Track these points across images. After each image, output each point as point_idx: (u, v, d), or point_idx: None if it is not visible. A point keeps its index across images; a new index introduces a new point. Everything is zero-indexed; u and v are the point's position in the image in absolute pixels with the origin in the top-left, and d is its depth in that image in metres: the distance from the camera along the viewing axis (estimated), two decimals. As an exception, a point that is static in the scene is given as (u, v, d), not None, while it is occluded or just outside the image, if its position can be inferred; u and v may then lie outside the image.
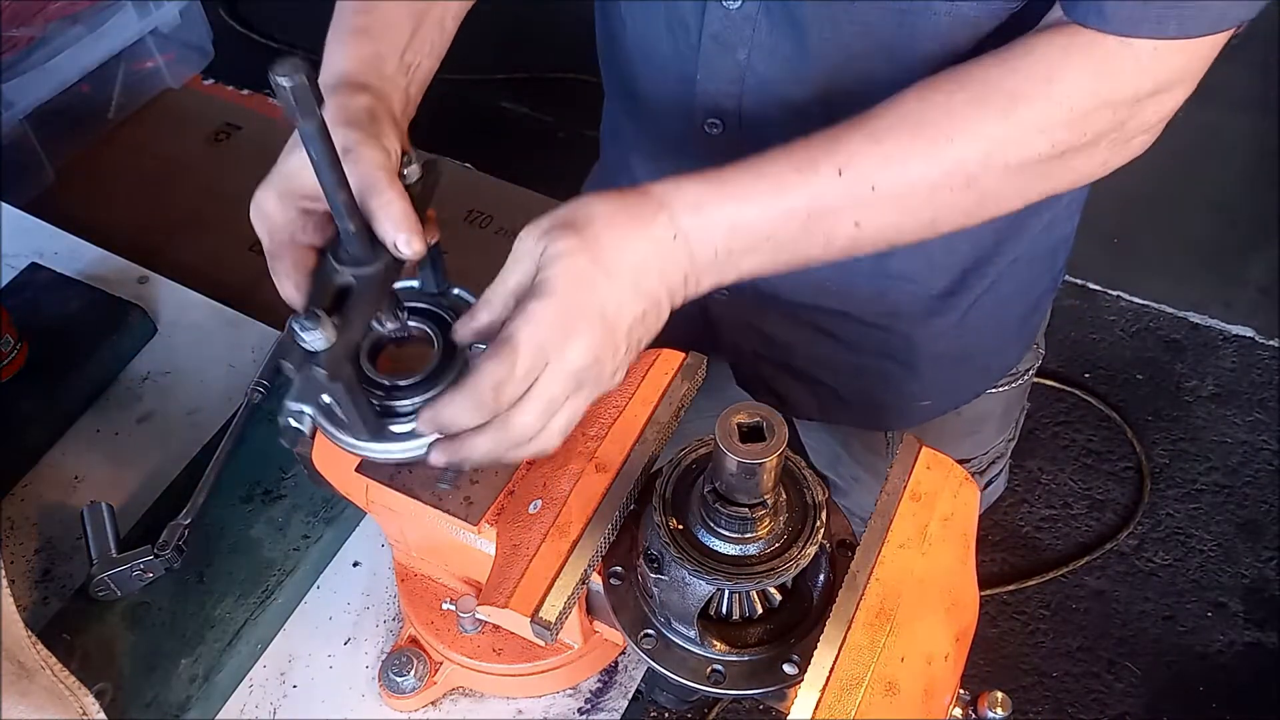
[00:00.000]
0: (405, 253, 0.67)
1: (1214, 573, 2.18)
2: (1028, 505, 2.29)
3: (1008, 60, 0.71)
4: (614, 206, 0.67)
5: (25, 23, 1.61)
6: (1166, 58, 0.69)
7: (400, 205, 0.67)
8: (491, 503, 0.78)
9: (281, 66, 0.54)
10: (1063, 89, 0.69)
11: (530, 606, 0.69)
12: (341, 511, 1.01)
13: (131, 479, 1.06)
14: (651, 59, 0.91)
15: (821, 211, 0.69)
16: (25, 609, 0.89)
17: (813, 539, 0.70)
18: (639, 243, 0.66)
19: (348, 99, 0.71)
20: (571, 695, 0.92)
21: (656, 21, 0.87)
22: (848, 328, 1.04)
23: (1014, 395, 1.19)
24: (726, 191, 0.68)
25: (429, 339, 0.74)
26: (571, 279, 0.64)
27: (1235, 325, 2.55)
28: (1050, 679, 2.06)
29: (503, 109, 3.00)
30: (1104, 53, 0.69)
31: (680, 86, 0.89)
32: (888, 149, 0.69)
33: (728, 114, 0.88)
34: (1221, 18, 0.68)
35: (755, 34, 0.82)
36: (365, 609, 0.98)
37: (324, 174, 0.61)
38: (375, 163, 0.67)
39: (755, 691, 0.72)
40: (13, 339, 1.10)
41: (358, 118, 0.69)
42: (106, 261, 1.27)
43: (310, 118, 0.57)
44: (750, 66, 0.84)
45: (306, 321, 0.61)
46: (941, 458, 0.76)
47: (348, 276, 0.67)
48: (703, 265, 0.69)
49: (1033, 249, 1.01)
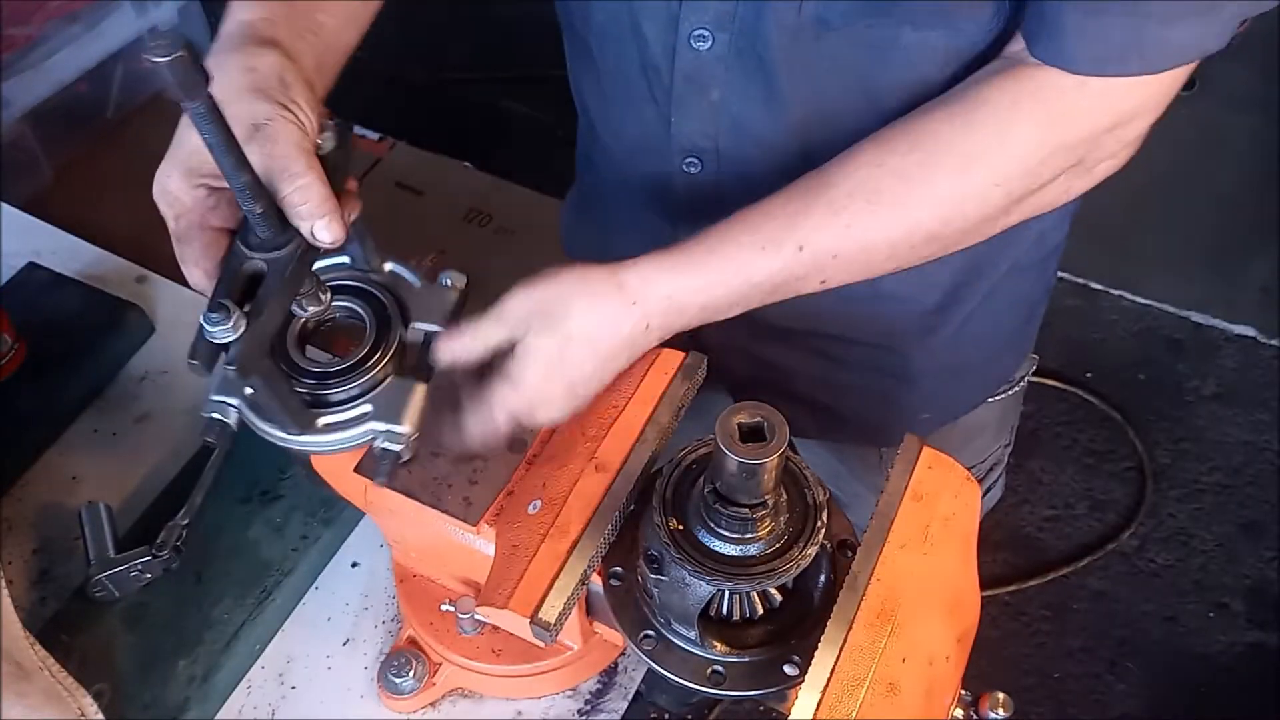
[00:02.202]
0: (323, 239, 0.64)
1: (1216, 573, 2.18)
2: (1029, 506, 2.28)
3: (957, 114, 0.72)
4: (588, 301, 0.71)
5: (23, 22, 1.61)
6: (1125, 93, 0.69)
7: (316, 189, 0.63)
8: (491, 503, 0.78)
9: (156, 43, 0.49)
10: (1016, 142, 0.70)
11: (530, 607, 0.69)
12: (340, 512, 1.00)
13: (129, 479, 1.05)
14: (628, 102, 0.90)
15: (787, 280, 0.73)
16: (23, 609, 0.89)
17: (813, 539, 0.69)
18: (607, 338, 0.71)
19: (255, 58, 0.66)
20: (571, 696, 0.91)
21: (630, 66, 0.86)
22: (844, 349, 1.03)
23: (1010, 403, 1.19)
24: (696, 281, 0.72)
25: (360, 319, 0.72)
26: (542, 375, 0.71)
27: (1237, 325, 2.55)
28: (1052, 679, 2.06)
29: (503, 109, 3.00)
30: (1057, 96, 0.69)
31: (657, 128, 0.88)
32: (846, 219, 0.72)
33: (705, 153, 0.87)
34: (1183, 51, 0.68)
35: (728, 74, 0.81)
36: (364, 610, 0.98)
37: (221, 157, 0.56)
38: (289, 140, 0.63)
39: (756, 692, 0.71)
40: (10, 339, 1.10)
41: (268, 83, 0.65)
42: (104, 261, 1.26)
43: (196, 97, 0.52)
44: (724, 106, 0.83)
45: (213, 314, 0.58)
46: (942, 458, 0.76)
47: (259, 262, 0.63)
48: (676, 329, 0.74)
49: (1025, 259, 1.00)
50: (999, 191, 0.72)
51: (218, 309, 0.58)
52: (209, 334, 0.59)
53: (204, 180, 0.66)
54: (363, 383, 0.71)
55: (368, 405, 0.72)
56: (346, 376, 0.70)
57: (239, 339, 0.59)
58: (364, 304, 0.73)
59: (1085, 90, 0.69)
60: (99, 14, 1.67)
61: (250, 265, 0.63)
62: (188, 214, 0.67)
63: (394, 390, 0.72)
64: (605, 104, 0.94)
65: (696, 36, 0.79)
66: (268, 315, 0.62)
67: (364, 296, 0.74)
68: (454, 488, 0.79)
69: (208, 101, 0.53)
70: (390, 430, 0.70)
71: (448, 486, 0.79)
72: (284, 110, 0.64)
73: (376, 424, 0.71)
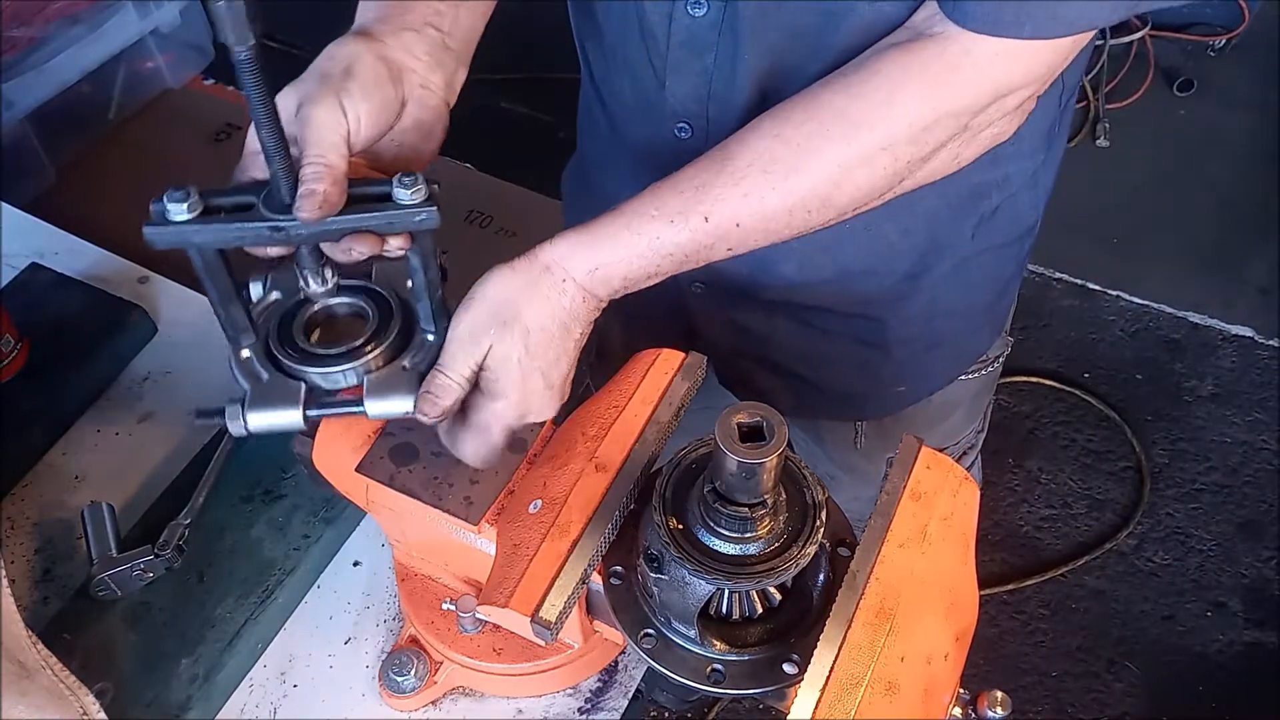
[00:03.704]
0: (297, 207, 0.65)
1: (1213, 572, 2.18)
2: (1027, 505, 2.29)
3: (852, 85, 0.75)
4: (527, 293, 0.74)
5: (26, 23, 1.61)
6: (1007, 63, 0.72)
7: (312, 168, 0.65)
8: (491, 502, 0.78)
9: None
10: (902, 109, 0.74)
11: (530, 606, 0.69)
12: (342, 511, 1.01)
13: (132, 479, 1.06)
14: (627, 67, 0.92)
15: (696, 249, 0.76)
16: (25, 609, 0.89)
17: (812, 539, 0.70)
18: (557, 316, 0.74)
19: (337, 48, 0.71)
20: (571, 695, 0.92)
21: (631, 31, 0.88)
22: (823, 318, 1.05)
23: (982, 383, 1.21)
24: (613, 253, 0.75)
25: (363, 315, 0.75)
26: (519, 377, 0.73)
27: (1235, 325, 2.55)
28: (1050, 678, 2.06)
29: (503, 109, 3.00)
30: (943, 65, 0.73)
31: (652, 94, 0.90)
32: (745, 189, 0.75)
33: (695, 118, 0.89)
34: (1075, 22, 0.71)
35: (719, 40, 0.83)
36: (365, 609, 0.98)
37: (253, 107, 0.60)
38: (315, 121, 0.67)
39: (755, 691, 0.72)
40: (13, 339, 1.10)
41: (331, 72, 0.70)
42: (107, 261, 1.27)
43: (240, 43, 0.56)
44: (716, 72, 0.85)
45: (175, 191, 0.63)
46: (941, 457, 0.76)
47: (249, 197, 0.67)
48: (606, 299, 0.77)
49: (998, 239, 1.02)
50: (886, 156, 0.75)
51: (180, 189, 0.63)
52: (165, 209, 0.63)
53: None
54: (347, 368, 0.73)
55: (266, 376, 0.73)
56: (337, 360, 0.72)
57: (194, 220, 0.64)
58: (371, 301, 0.75)
59: (971, 59, 0.72)
60: (101, 15, 1.67)
61: (247, 198, 0.66)
62: (245, 156, 0.72)
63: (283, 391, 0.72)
64: (607, 68, 0.96)
65: (693, 4, 0.81)
66: (219, 229, 0.65)
67: (372, 295, 0.75)
68: (455, 487, 0.79)
69: (251, 51, 0.57)
70: (242, 409, 0.71)
71: (449, 486, 0.79)
72: (330, 96, 0.69)
73: (249, 398, 0.71)
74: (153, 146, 1.76)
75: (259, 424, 0.70)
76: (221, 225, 0.65)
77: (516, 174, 2.11)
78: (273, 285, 0.77)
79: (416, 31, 0.76)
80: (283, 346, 0.73)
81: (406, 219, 0.66)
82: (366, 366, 0.73)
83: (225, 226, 0.65)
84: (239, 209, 0.66)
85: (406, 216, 0.66)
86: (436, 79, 0.77)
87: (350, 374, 0.72)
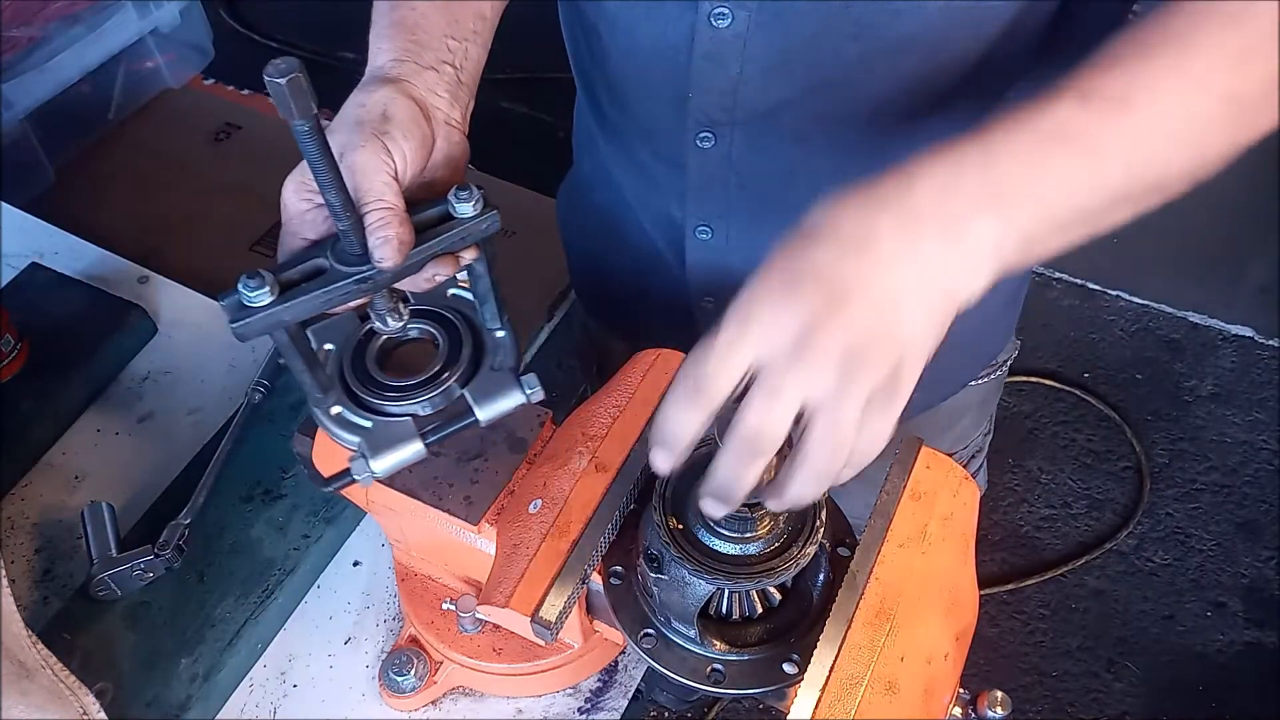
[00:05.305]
0: (375, 256, 0.66)
1: (1213, 572, 2.18)
2: (1027, 505, 2.29)
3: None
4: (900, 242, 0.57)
5: (25, 23, 1.61)
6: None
7: (377, 214, 0.66)
8: (491, 502, 0.78)
9: (275, 65, 0.54)
10: None
11: (530, 606, 0.70)
12: (342, 511, 1.01)
13: (132, 479, 1.06)
14: (640, 82, 0.91)
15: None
16: (25, 609, 0.89)
17: (812, 538, 0.70)
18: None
19: (367, 95, 0.71)
20: (572, 695, 0.92)
21: (645, 47, 0.87)
22: None
23: (991, 387, 1.21)
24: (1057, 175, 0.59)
25: (428, 335, 0.76)
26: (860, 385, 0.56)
27: (1235, 325, 2.55)
28: (1050, 678, 2.06)
29: (503, 109, 3.00)
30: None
31: (672, 106, 0.89)
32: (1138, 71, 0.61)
33: (720, 126, 0.88)
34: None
35: (747, 48, 0.82)
36: (365, 608, 0.98)
37: (318, 173, 0.61)
38: (367, 167, 0.67)
39: (755, 691, 0.72)
40: (13, 339, 1.10)
41: (368, 117, 0.69)
42: (107, 261, 1.27)
43: (302, 117, 0.56)
44: (743, 79, 0.84)
45: (250, 279, 0.63)
46: (941, 457, 0.76)
47: (324, 261, 0.67)
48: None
49: None
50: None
51: (255, 276, 0.63)
52: (244, 297, 0.63)
53: (309, 195, 0.70)
54: (424, 399, 0.73)
55: (370, 423, 0.73)
56: (411, 391, 0.74)
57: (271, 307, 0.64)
58: (439, 326, 0.76)
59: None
60: (101, 15, 1.66)
61: (316, 263, 0.67)
62: (290, 221, 0.71)
63: (394, 430, 0.73)
64: (614, 89, 0.95)
65: (717, 15, 0.80)
66: (305, 300, 0.65)
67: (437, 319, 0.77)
68: (455, 487, 0.79)
69: (313, 121, 0.57)
70: (365, 460, 0.72)
71: (449, 485, 0.79)
72: (373, 140, 0.68)
73: (365, 447, 0.72)
74: (153, 146, 1.76)
75: (385, 468, 0.72)
76: (307, 296, 0.65)
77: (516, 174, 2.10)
78: (321, 339, 0.77)
79: (436, 70, 0.76)
80: (375, 390, 0.74)
81: (475, 230, 0.69)
82: (461, 379, 0.74)
83: (311, 296, 0.65)
84: (314, 275, 0.67)
85: (474, 227, 0.69)
86: (456, 114, 0.77)
87: (451, 391, 0.74)
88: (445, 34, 0.78)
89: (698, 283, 1.01)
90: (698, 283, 1.01)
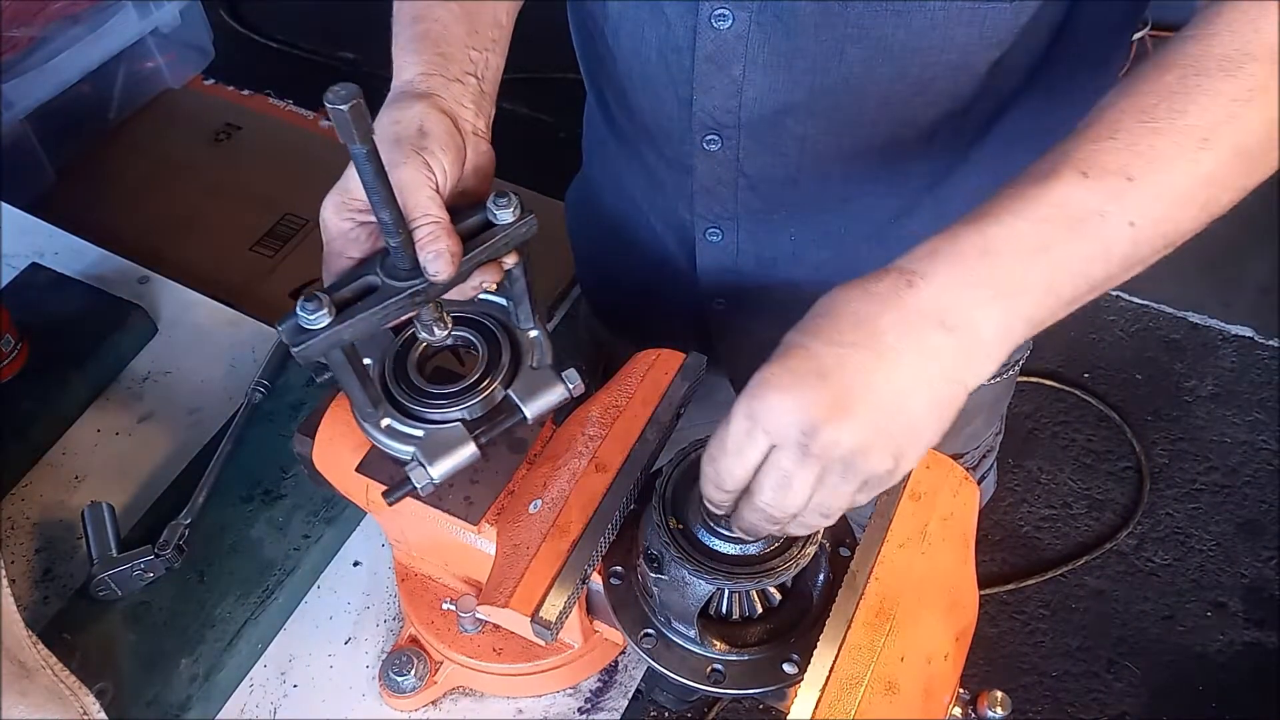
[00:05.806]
0: (429, 270, 0.68)
1: (1213, 572, 2.18)
2: (1027, 505, 2.29)
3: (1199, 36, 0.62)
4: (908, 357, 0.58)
5: (25, 23, 1.61)
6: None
7: (427, 229, 0.67)
8: (491, 502, 0.78)
9: (335, 92, 0.55)
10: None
11: (530, 606, 0.70)
12: (342, 511, 1.01)
13: (132, 479, 1.06)
14: (646, 87, 0.91)
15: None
16: (25, 609, 0.89)
17: (812, 538, 0.70)
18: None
19: (401, 111, 0.72)
20: (571, 695, 0.92)
21: (649, 51, 0.87)
22: None
23: (1002, 387, 1.20)
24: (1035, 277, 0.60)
25: (468, 346, 0.78)
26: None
27: (1235, 325, 2.55)
28: (1050, 678, 2.06)
29: (503, 109, 3.00)
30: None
31: (677, 109, 0.89)
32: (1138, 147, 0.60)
33: (726, 129, 0.88)
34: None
35: (748, 50, 0.82)
36: (365, 609, 0.98)
37: (371, 194, 0.63)
38: (412, 183, 0.68)
39: (755, 691, 0.72)
40: (13, 339, 1.10)
41: (406, 134, 0.70)
42: (107, 261, 1.27)
43: (361, 142, 0.58)
44: (747, 81, 0.84)
45: (307, 303, 0.65)
46: (941, 457, 0.76)
47: (375, 278, 0.69)
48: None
49: None
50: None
51: (312, 299, 0.65)
52: (302, 320, 0.65)
53: (351, 214, 0.71)
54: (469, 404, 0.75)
55: (421, 431, 0.75)
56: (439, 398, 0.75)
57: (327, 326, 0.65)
58: (477, 333, 0.78)
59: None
60: (101, 15, 1.67)
61: (367, 280, 0.69)
62: (333, 241, 0.73)
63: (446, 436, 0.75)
64: (621, 91, 0.95)
65: (717, 16, 0.81)
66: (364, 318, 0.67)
67: (476, 325, 0.79)
68: (455, 487, 0.79)
69: (371, 145, 0.59)
70: (423, 468, 0.73)
71: (449, 486, 0.79)
72: (414, 156, 0.69)
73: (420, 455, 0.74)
74: (153, 146, 1.76)
75: (442, 473, 0.74)
76: (366, 313, 0.67)
77: (516, 174, 2.10)
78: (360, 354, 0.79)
79: (461, 83, 0.77)
80: (422, 399, 0.76)
81: (515, 234, 0.71)
82: (504, 380, 0.77)
83: (370, 313, 0.67)
84: (366, 292, 0.68)
85: (515, 232, 0.71)
86: (481, 124, 0.78)
87: (496, 393, 0.76)
88: (467, 45, 0.79)
89: (709, 285, 1.02)
90: (709, 285, 1.02)
